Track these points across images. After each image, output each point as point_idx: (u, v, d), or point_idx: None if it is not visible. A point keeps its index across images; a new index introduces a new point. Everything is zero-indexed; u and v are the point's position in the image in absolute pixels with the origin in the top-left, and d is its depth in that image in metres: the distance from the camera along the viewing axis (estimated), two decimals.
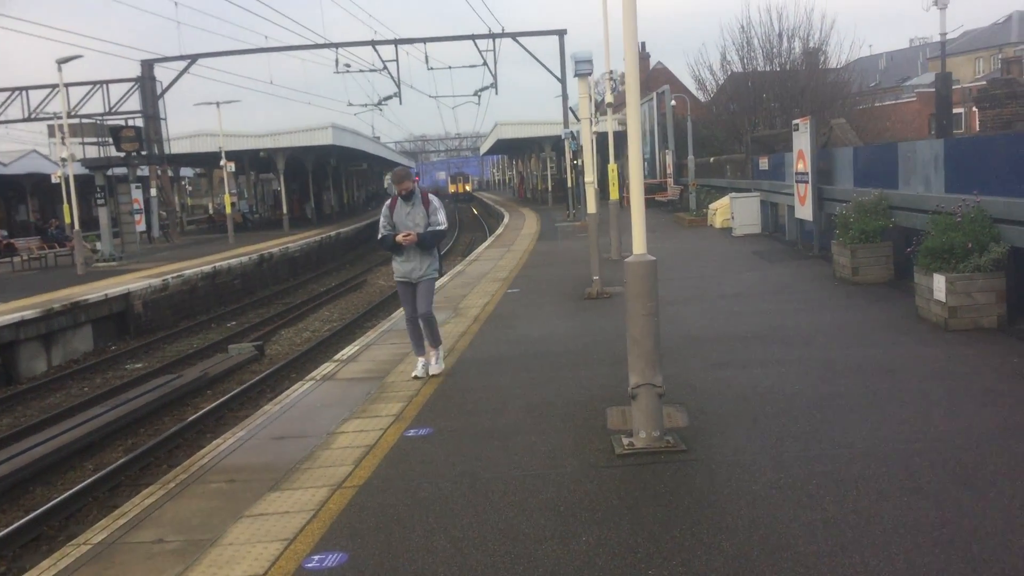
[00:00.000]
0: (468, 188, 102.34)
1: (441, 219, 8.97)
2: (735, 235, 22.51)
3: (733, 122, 40.97)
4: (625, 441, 6.28)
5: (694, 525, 4.84)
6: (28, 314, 17.60)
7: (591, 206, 14.24)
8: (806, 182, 16.64)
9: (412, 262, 8.91)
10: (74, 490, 10.08)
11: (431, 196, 9.07)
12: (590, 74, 12.89)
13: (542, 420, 7.22)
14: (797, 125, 17.22)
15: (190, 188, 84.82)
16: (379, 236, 9.06)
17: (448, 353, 10.40)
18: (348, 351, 11.22)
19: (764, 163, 23.40)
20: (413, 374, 9.09)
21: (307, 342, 19.46)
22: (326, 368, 10.27)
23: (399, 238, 8.69)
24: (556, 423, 7.10)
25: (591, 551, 4.62)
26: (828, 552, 4.38)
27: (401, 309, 15.86)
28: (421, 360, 9.19)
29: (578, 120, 14.63)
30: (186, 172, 62.62)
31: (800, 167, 16.99)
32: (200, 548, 5.14)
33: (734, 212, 23.17)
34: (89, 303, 19.72)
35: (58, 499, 9.84)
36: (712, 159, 33.60)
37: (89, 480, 10.52)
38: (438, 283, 19.17)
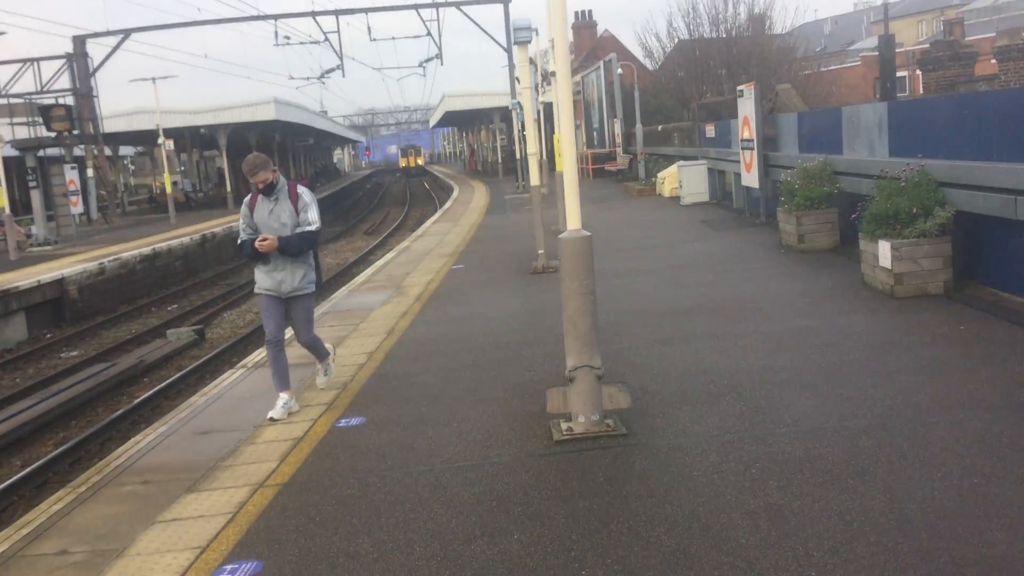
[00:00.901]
0: (420, 161, 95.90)
1: (312, 217, 7.08)
2: (683, 204, 22.36)
3: (681, 90, 40.84)
4: (564, 426, 6.01)
5: (632, 517, 4.58)
6: None
7: (534, 178, 13.91)
8: (751, 149, 16.47)
9: (281, 272, 7.08)
10: None
11: (301, 189, 7.25)
12: (529, 41, 12.52)
13: (480, 405, 6.92)
14: (742, 91, 17.02)
15: (132, 167, 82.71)
16: (238, 241, 7.35)
17: (388, 335, 10.05)
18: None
19: (711, 130, 23.24)
20: (269, 415, 7.07)
21: (250, 324, 18.92)
22: (260, 354, 9.86)
23: (257, 243, 6.92)
24: (494, 408, 6.81)
25: (522, 550, 4.34)
26: (771, 543, 4.15)
27: (342, 289, 15.57)
28: (283, 397, 7.20)
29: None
30: (127, 151, 60.94)
31: (745, 134, 16.80)
32: (106, 559, 4.76)
33: (682, 181, 23.02)
34: (20, 290, 18.96)
35: None
36: (660, 127, 33.42)
37: (13, 478, 10.01)
38: (380, 261, 18.79)
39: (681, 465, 5.24)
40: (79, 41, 33.43)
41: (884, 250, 9.37)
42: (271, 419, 6.99)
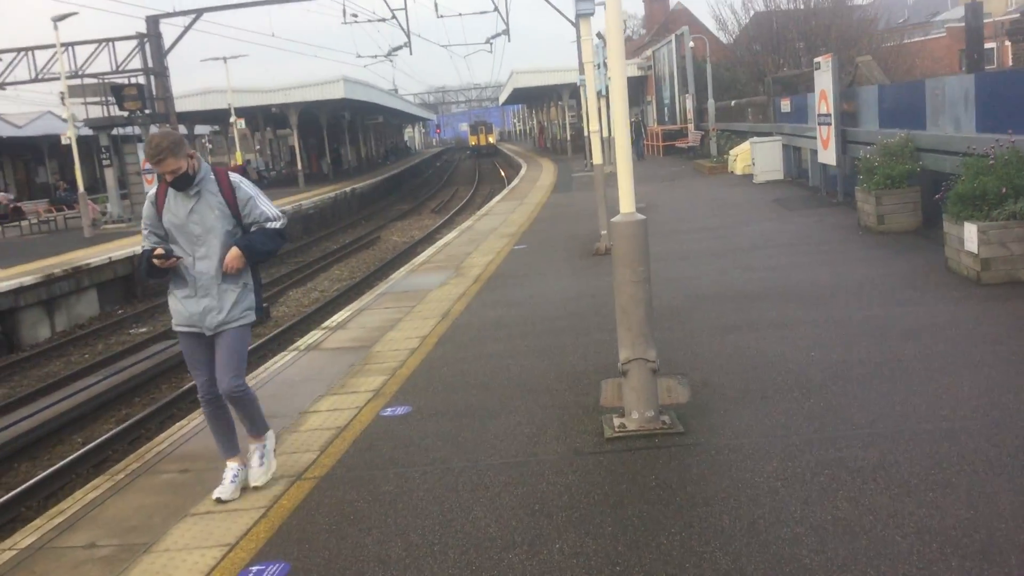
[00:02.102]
0: (491, 139, 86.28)
1: (269, 210, 5.11)
2: (756, 182, 21.60)
3: (756, 63, 39.63)
4: (616, 422, 5.64)
5: (685, 529, 4.20)
6: (27, 280, 17.20)
7: (596, 156, 13.46)
8: (829, 124, 15.71)
9: (207, 298, 5.01)
10: (55, 467, 9.64)
11: (235, 178, 5.15)
12: (592, 13, 12.03)
13: (531, 396, 6.60)
14: (819, 63, 16.24)
15: (210, 146, 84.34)
16: (140, 249, 5.29)
17: (443, 318, 9.79)
18: (338, 317, 10.65)
19: (786, 105, 22.37)
20: (215, 495, 5.22)
21: (314, 303, 18.94)
22: (313, 336, 9.70)
23: (156, 259, 4.90)
24: (545, 399, 6.48)
25: (563, 562, 4.01)
26: (838, 565, 3.74)
27: (404, 268, 15.40)
28: (231, 468, 5.33)
29: (596, 66, 13.74)
30: (202, 130, 62.06)
31: (823, 108, 16.03)
32: (133, 555, 4.59)
33: (755, 158, 22.23)
34: (92, 267, 19.31)
35: (38, 477, 9.42)
36: (733, 103, 32.45)
37: (73, 455, 10.08)
38: (441, 241, 18.47)
39: (741, 470, 4.83)
40: (152, 21, 33.84)
41: (970, 233, 8.72)
42: (217, 500, 5.17)
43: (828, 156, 16.14)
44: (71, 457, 9.92)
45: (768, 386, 6.21)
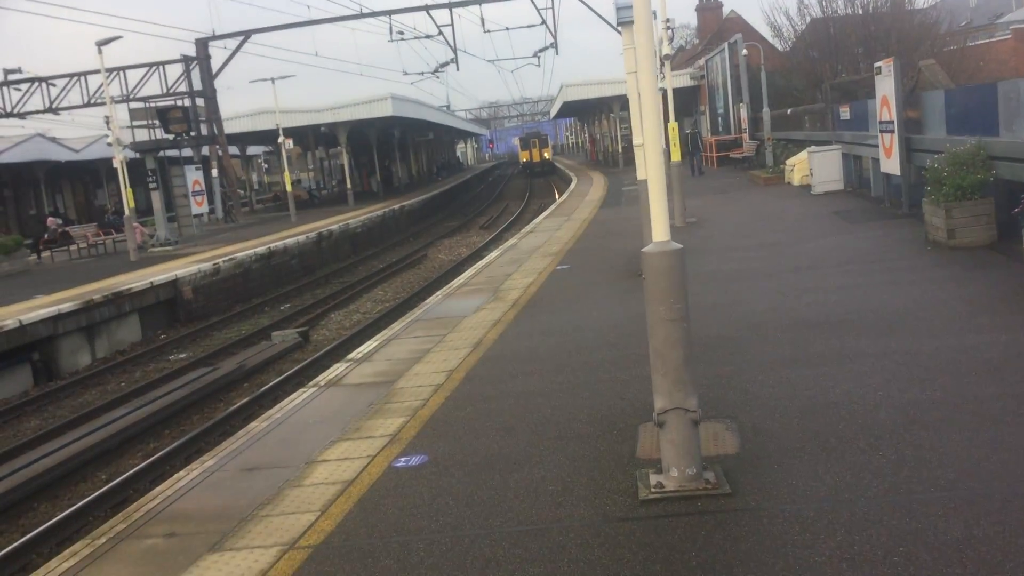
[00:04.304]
0: (547, 155, 73.32)
1: None
2: (814, 193, 20.60)
3: (813, 70, 38.36)
4: (653, 480, 4.92)
5: None
6: (66, 307, 17.00)
7: (641, 171, 12.69)
8: (891, 131, 14.75)
9: None
10: (70, 510, 9.21)
11: None
12: (633, 21, 11.30)
13: (560, 443, 5.90)
14: (879, 68, 15.29)
15: (266, 166, 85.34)
16: None
17: (474, 348, 9.15)
18: (365, 348, 10.07)
19: (845, 112, 21.34)
20: None
21: (355, 325, 18.46)
22: (335, 370, 9.13)
23: None
24: (575, 447, 5.78)
25: None
26: None
27: (440, 292, 14.80)
28: None
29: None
30: (255, 150, 62.67)
31: (885, 115, 15.08)
32: None
33: (813, 167, 21.23)
34: (133, 292, 19.09)
35: (51, 521, 8.98)
36: (789, 111, 31.36)
37: (92, 496, 9.64)
38: (483, 261, 17.87)
39: (799, 545, 4.07)
40: (202, 44, 34.09)
41: None
42: None
43: (891, 165, 15.16)
44: (88, 499, 9.47)
45: (830, 434, 5.42)
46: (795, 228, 15.50)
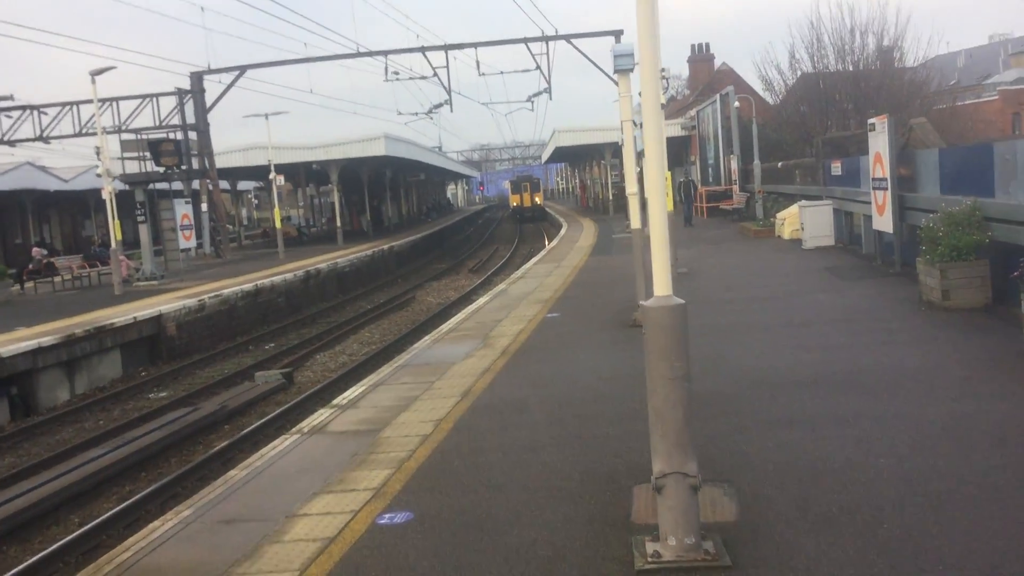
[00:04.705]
0: (538, 200, 70.89)
1: None
2: (805, 248, 20.58)
3: (803, 124, 38.81)
4: (650, 548, 4.71)
5: None
6: (46, 340, 16.68)
7: (635, 220, 12.63)
8: (885, 188, 14.76)
9: None
10: (40, 555, 8.88)
11: None
12: (631, 70, 11.32)
13: (551, 503, 5.69)
14: (873, 125, 15.36)
15: (256, 201, 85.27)
16: None
17: (463, 397, 8.94)
18: (350, 394, 9.84)
19: (837, 168, 21.44)
20: None
21: (341, 368, 18.19)
22: (320, 416, 8.90)
23: None
24: (567, 508, 5.57)
25: None
26: None
27: (429, 337, 14.59)
28: None
29: (637, 125, 12.94)
30: (245, 186, 62.61)
31: (878, 172, 15.11)
32: None
33: (804, 222, 21.24)
34: (116, 327, 18.78)
35: (20, 566, 8.65)
36: (780, 164, 31.56)
37: (63, 540, 9.31)
38: (472, 306, 17.66)
39: None
40: (196, 77, 34.09)
41: None
42: None
43: (884, 223, 15.15)
44: (58, 543, 9.15)
45: (832, 504, 5.24)
46: (787, 283, 15.42)
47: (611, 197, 49.78)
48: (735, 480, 5.76)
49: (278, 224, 37.31)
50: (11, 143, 34.75)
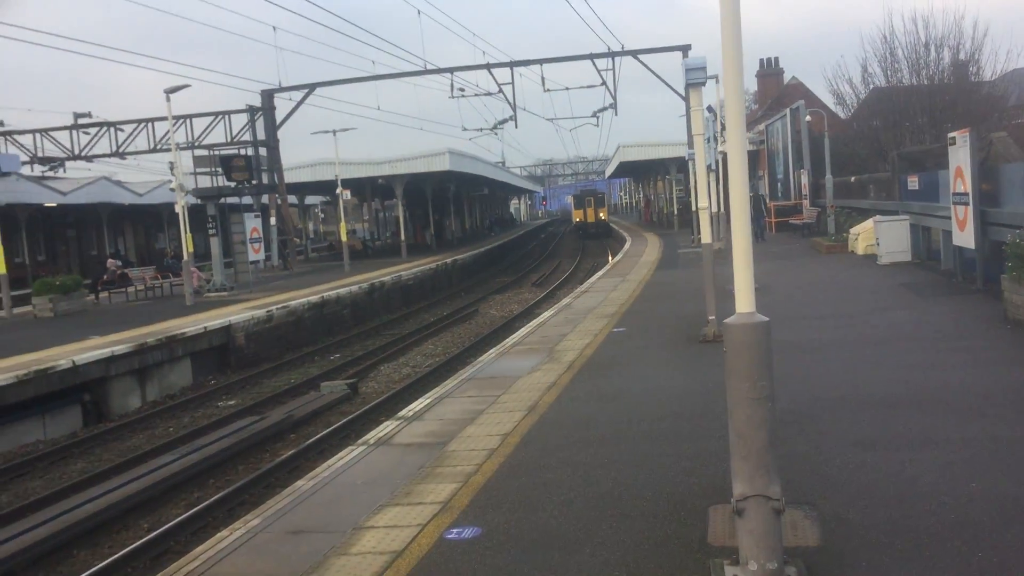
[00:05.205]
0: (603, 215, 67.87)
1: None
2: (880, 263, 20.01)
3: (876, 139, 37.87)
4: (729, 573, 4.52)
5: None
6: (119, 349, 17.04)
7: (705, 235, 12.38)
8: (966, 204, 14.24)
9: None
10: (109, 560, 8.98)
11: None
12: (703, 83, 11.13)
13: (623, 522, 5.52)
14: (954, 139, 14.85)
15: (323, 216, 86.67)
16: None
17: (529, 412, 8.81)
18: (416, 406, 9.78)
19: (913, 183, 20.83)
20: None
21: (405, 379, 18.21)
22: (385, 428, 8.85)
23: None
24: (639, 527, 5.39)
25: None
26: None
27: (494, 350, 14.50)
28: None
29: (708, 139, 12.72)
30: (313, 200, 63.61)
31: (959, 187, 14.59)
32: None
33: (879, 237, 20.66)
34: (186, 336, 19.12)
35: (90, 570, 8.76)
36: (853, 179, 30.83)
37: (132, 546, 9.41)
38: (537, 320, 17.52)
39: None
40: (267, 95, 34.78)
41: None
42: None
43: (965, 238, 14.62)
44: (127, 549, 9.25)
45: (921, 529, 4.97)
46: (863, 299, 14.96)
47: (676, 212, 49.32)
48: (816, 503, 5.52)
49: (344, 237, 37.73)
50: (89, 158, 35.91)
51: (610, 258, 38.08)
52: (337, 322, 26.14)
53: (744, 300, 4.38)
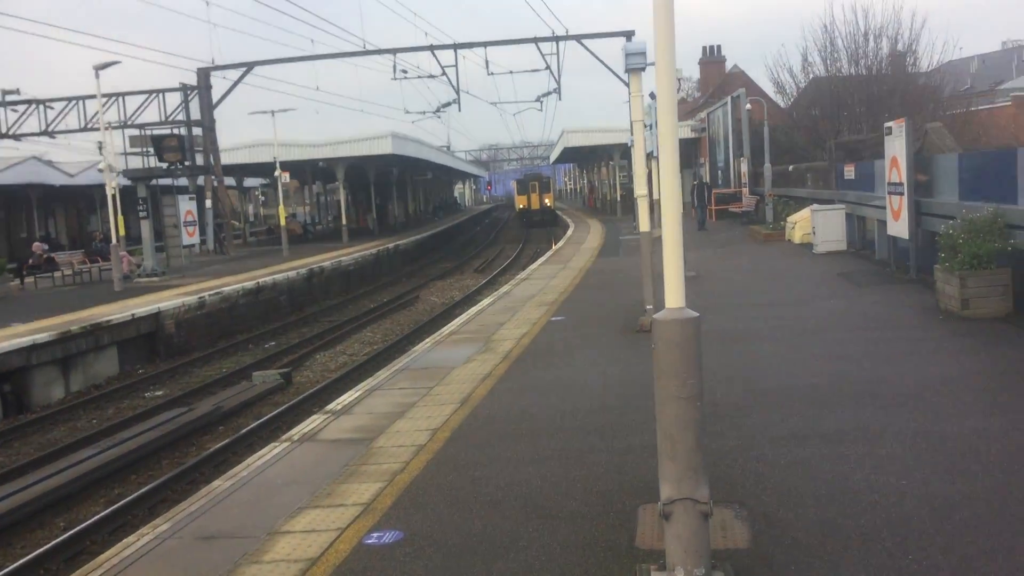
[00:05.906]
0: (548, 202, 64.78)
1: None
2: (816, 252, 20.18)
3: (815, 128, 38.29)
4: None
5: None
6: (41, 337, 16.37)
7: (643, 223, 12.24)
8: (901, 194, 14.35)
9: None
10: (21, 561, 8.56)
11: None
12: (643, 69, 10.96)
13: (550, 524, 5.32)
14: (890, 128, 14.95)
15: (263, 199, 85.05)
16: None
17: (461, 404, 8.58)
18: (345, 399, 9.47)
19: (850, 172, 21.02)
20: None
21: (341, 368, 17.86)
22: (311, 423, 8.53)
23: None
24: (567, 531, 5.20)
25: None
26: None
27: (430, 339, 14.20)
28: None
29: (647, 126, 12.42)
30: (252, 183, 62.34)
31: (894, 176, 14.70)
32: None
33: (815, 226, 20.83)
34: (112, 324, 18.47)
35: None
36: (791, 167, 31.12)
37: (46, 546, 8.97)
38: (475, 308, 17.23)
39: None
40: (203, 73, 33.80)
41: None
42: None
43: (899, 228, 14.74)
44: (41, 549, 8.82)
45: (852, 530, 4.86)
46: (799, 288, 15.02)
47: (619, 198, 49.42)
48: (746, 502, 5.39)
49: (283, 221, 36.99)
50: (16, 137, 34.50)
51: (553, 244, 37.97)
52: (273, 309, 25.57)
53: (673, 294, 4.18)
